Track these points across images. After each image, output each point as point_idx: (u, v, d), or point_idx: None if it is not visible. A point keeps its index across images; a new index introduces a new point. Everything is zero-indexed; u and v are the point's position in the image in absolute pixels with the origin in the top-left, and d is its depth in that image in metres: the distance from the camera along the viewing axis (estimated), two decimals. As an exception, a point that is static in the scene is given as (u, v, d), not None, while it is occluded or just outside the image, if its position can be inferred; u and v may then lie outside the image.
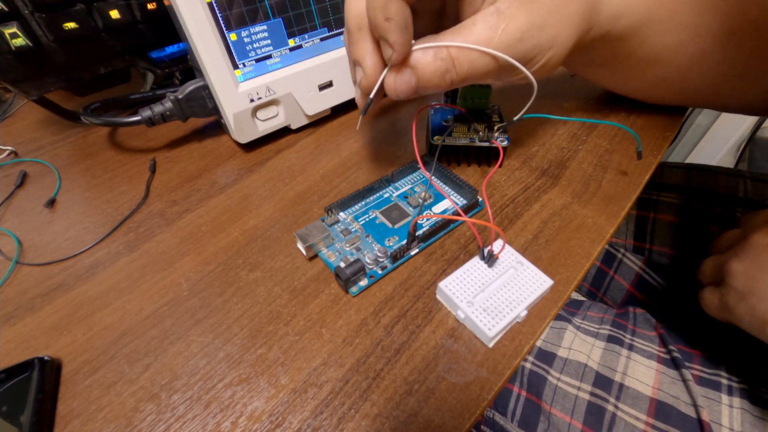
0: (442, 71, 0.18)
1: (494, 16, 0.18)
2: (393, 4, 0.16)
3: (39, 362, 0.18)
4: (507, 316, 0.19)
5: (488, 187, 0.27)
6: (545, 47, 0.19)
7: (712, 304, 0.26)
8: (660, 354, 0.31)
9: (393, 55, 0.18)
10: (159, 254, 0.24)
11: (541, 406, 0.31)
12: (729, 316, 0.25)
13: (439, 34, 0.19)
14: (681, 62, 0.26)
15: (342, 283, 0.21)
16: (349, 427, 0.16)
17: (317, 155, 0.31)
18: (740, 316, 0.24)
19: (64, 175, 0.30)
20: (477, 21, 0.18)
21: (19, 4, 0.25)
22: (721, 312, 0.25)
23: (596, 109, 0.33)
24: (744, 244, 0.25)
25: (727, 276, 0.25)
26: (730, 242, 0.27)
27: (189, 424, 0.17)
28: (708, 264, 0.28)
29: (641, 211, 0.43)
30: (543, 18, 0.18)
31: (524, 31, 0.18)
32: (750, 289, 0.23)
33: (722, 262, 0.26)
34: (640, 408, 0.28)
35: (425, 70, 0.18)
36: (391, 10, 0.16)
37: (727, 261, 0.25)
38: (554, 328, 0.34)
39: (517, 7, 0.18)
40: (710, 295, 0.26)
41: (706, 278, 0.28)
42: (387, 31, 0.17)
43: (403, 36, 0.17)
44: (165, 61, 0.35)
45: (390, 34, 0.17)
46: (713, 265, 0.27)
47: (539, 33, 0.18)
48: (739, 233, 0.27)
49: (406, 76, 0.19)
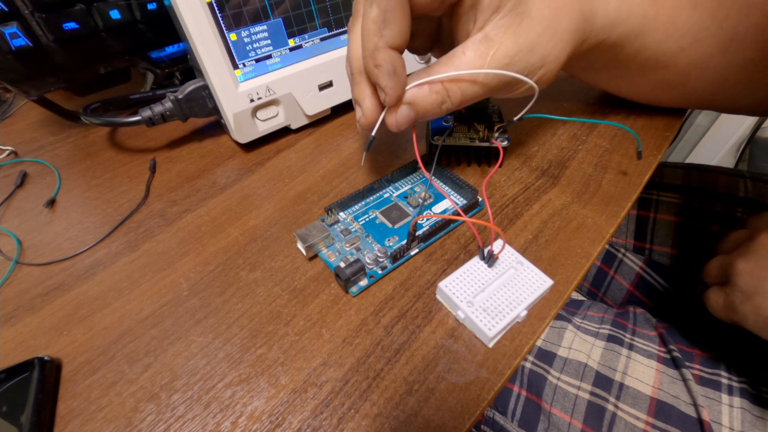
0: (438, 102, 0.20)
1: (483, 44, 0.19)
2: (380, 53, 0.18)
3: (39, 362, 0.18)
4: (507, 316, 0.19)
5: (488, 187, 0.27)
6: (536, 66, 0.19)
7: (717, 304, 0.26)
8: (660, 353, 0.31)
9: (386, 98, 0.19)
10: (159, 254, 0.24)
11: (542, 405, 0.31)
12: (734, 316, 0.25)
13: (432, 65, 0.20)
14: (681, 67, 0.26)
15: (342, 283, 0.21)
16: (349, 427, 0.16)
17: (317, 155, 0.31)
18: (745, 316, 0.24)
19: (64, 175, 0.30)
20: (467, 49, 0.19)
21: (19, 4, 0.25)
22: (726, 312, 0.25)
23: (596, 109, 0.33)
24: (751, 244, 0.25)
25: (733, 276, 0.25)
26: (736, 242, 0.27)
27: (189, 424, 0.17)
28: (713, 264, 0.28)
29: (641, 211, 0.43)
30: (532, 40, 0.19)
31: (512, 55, 0.18)
32: (756, 288, 0.23)
33: (728, 262, 0.25)
34: (640, 407, 0.28)
35: (422, 104, 0.20)
36: (378, 59, 0.18)
37: (733, 261, 0.25)
38: (554, 328, 0.34)
39: (503, 32, 0.18)
40: (715, 295, 0.26)
41: (711, 278, 0.28)
42: (377, 77, 0.18)
43: (392, 81, 0.18)
44: (165, 61, 0.35)
45: (380, 79, 0.18)
46: (719, 265, 0.27)
47: (529, 55, 0.19)
48: (746, 233, 0.27)
49: (405, 111, 0.20)
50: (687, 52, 0.25)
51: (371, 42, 0.18)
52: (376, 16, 0.17)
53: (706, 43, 0.24)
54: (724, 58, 0.24)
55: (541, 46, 0.19)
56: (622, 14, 0.22)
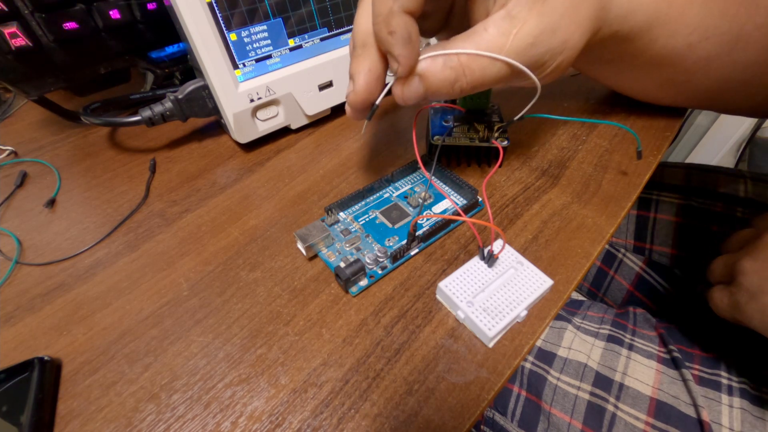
0: (452, 80, 0.18)
1: (506, 21, 0.18)
2: (395, 18, 0.16)
3: (39, 362, 0.18)
4: (507, 316, 0.19)
5: (488, 187, 0.27)
6: (557, 51, 0.19)
7: (722, 303, 0.26)
8: (660, 354, 0.31)
9: (399, 68, 0.18)
10: (159, 254, 0.24)
11: (541, 406, 0.31)
12: (738, 316, 0.25)
13: (450, 40, 0.18)
14: (688, 65, 0.25)
15: (342, 283, 0.21)
16: (349, 427, 0.16)
17: (317, 155, 0.31)
18: (750, 315, 0.24)
19: (64, 175, 0.30)
20: (488, 26, 0.18)
21: (19, 4, 0.25)
22: (731, 311, 0.25)
23: (596, 109, 0.33)
24: (757, 244, 0.25)
25: (739, 275, 0.24)
26: (741, 242, 0.27)
27: (189, 424, 0.17)
28: (718, 263, 0.28)
29: (642, 211, 0.43)
30: (555, 22, 0.18)
31: (536, 35, 0.18)
32: (762, 288, 0.23)
33: (733, 261, 0.25)
34: (640, 408, 0.28)
35: (434, 78, 0.18)
36: (393, 24, 0.17)
37: (739, 260, 0.25)
38: (554, 328, 0.34)
39: (528, 10, 0.17)
40: (720, 294, 0.26)
41: (715, 277, 0.28)
42: (391, 44, 0.17)
43: (407, 49, 0.17)
44: (165, 61, 0.35)
45: (394, 47, 0.17)
46: (724, 264, 0.27)
47: (551, 37, 0.18)
48: (752, 233, 0.27)
49: (415, 85, 0.19)
50: (694, 49, 0.24)
51: (385, 6, 0.16)
52: None
53: (714, 41, 0.24)
54: (730, 58, 0.24)
55: (562, 29, 0.18)
56: (634, 5, 0.22)
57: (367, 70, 0.19)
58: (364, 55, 0.19)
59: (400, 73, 0.18)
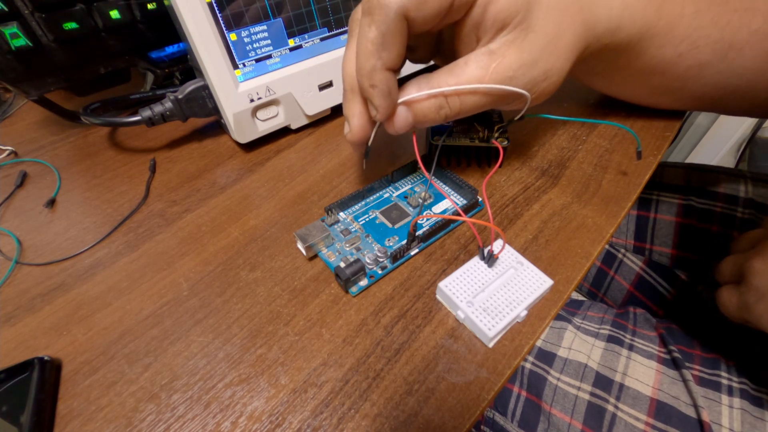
0: (437, 107, 0.20)
1: (486, 56, 0.19)
2: (377, 74, 0.18)
3: (39, 362, 0.18)
4: (507, 316, 0.19)
5: (488, 187, 0.27)
6: (539, 80, 0.20)
7: (730, 303, 0.26)
8: (660, 354, 0.31)
9: (377, 115, 0.20)
10: (159, 254, 0.24)
11: (541, 406, 0.31)
12: (747, 316, 0.25)
13: (433, 73, 0.20)
14: (680, 73, 0.26)
15: (342, 283, 0.21)
16: (349, 427, 0.16)
17: (317, 155, 0.31)
18: (759, 315, 0.24)
19: (64, 175, 0.30)
20: (469, 61, 0.19)
21: (19, 4, 0.25)
22: (739, 311, 0.25)
23: (596, 109, 0.33)
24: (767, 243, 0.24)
25: (749, 275, 0.24)
26: (751, 242, 0.27)
27: (189, 424, 0.17)
28: (727, 263, 0.28)
29: (642, 211, 0.43)
30: (534, 55, 0.19)
31: (515, 69, 0.19)
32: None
33: (743, 261, 0.25)
34: (640, 408, 0.28)
35: (421, 106, 0.20)
36: (375, 79, 0.18)
37: (748, 260, 0.25)
38: (554, 328, 0.34)
39: (507, 46, 0.18)
40: (728, 294, 0.26)
41: (724, 277, 0.28)
42: (372, 96, 0.19)
43: (386, 101, 0.19)
44: (165, 61, 0.35)
45: (374, 99, 0.19)
46: (733, 264, 0.27)
47: (531, 69, 0.19)
48: (762, 233, 0.27)
49: (403, 114, 0.20)
50: (684, 58, 0.25)
51: (369, 63, 0.18)
52: (375, 37, 0.17)
53: (705, 50, 0.24)
54: (724, 65, 0.24)
55: (543, 60, 0.19)
56: (624, 19, 0.22)
57: (359, 113, 0.21)
58: (354, 100, 0.21)
59: (378, 119, 0.20)
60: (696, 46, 0.24)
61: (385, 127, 0.21)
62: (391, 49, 0.18)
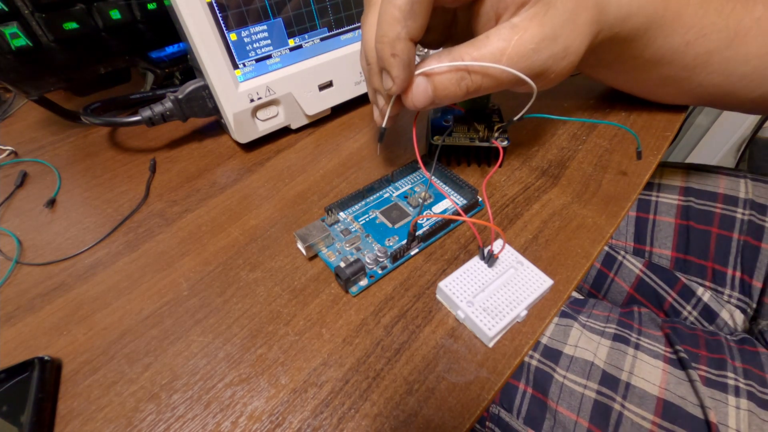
0: (458, 79, 0.19)
1: (508, 30, 0.19)
2: (400, 43, 0.17)
3: (39, 362, 0.18)
4: (507, 316, 0.19)
5: (488, 187, 0.27)
6: (559, 57, 0.20)
7: None
8: (666, 354, 0.31)
9: (393, 87, 0.19)
10: (159, 254, 0.24)
11: (547, 403, 0.31)
12: None
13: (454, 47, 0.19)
14: (687, 62, 0.26)
15: (342, 283, 0.21)
16: (349, 427, 0.16)
17: (317, 155, 0.31)
18: None
19: (64, 175, 0.30)
20: (491, 35, 0.19)
21: (19, 4, 0.25)
22: None
23: (596, 109, 0.33)
24: None
25: None
26: None
27: (189, 424, 0.17)
28: None
29: (641, 213, 0.43)
30: (556, 30, 0.19)
31: (538, 41, 0.19)
32: None
33: None
34: (646, 408, 0.28)
35: (441, 78, 0.19)
36: (398, 48, 0.18)
37: None
38: (560, 326, 0.34)
39: (529, 20, 0.18)
40: None
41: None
42: (391, 65, 0.18)
43: (405, 72, 0.18)
44: (165, 61, 0.35)
45: (393, 69, 0.18)
46: None
47: (553, 44, 0.19)
48: None
49: (423, 85, 0.19)
50: (692, 46, 0.25)
51: (393, 30, 0.17)
52: (404, 3, 0.17)
53: (712, 38, 0.24)
54: (730, 52, 0.25)
55: (563, 36, 0.19)
56: (632, 8, 0.23)
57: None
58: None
59: (393, 92, 0.19)
60: (703, 34, 0.24)
61: (403, 101, 0.20)
62: (418, 17, 0.17)
